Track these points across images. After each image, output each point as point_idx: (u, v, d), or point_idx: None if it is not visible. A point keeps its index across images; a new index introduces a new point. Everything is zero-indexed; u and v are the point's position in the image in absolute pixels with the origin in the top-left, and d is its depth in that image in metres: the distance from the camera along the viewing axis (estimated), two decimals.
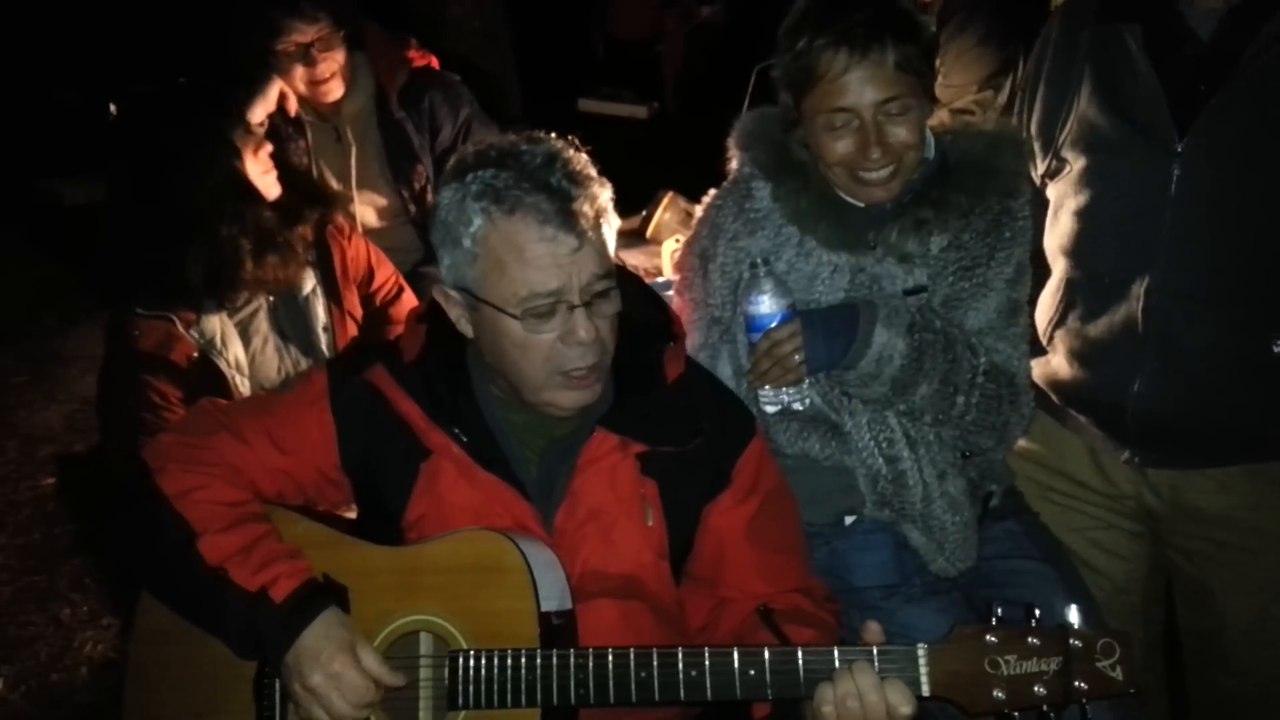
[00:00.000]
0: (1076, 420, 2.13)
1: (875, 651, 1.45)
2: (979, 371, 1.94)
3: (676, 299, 2.17)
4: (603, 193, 1.63)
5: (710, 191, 2.14)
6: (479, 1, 6.90)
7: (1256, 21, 1.82)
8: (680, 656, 1.50)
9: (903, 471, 1.98)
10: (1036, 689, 1.39)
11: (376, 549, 1.68)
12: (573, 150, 1.64)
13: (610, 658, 1.52)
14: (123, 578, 1.81)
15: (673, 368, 1.77)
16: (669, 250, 3.27)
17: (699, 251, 2.10)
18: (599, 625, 1.65)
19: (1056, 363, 2.11)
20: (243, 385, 2.32)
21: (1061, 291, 2.09)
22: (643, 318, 1.78)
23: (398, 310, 2.58)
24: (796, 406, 1.94)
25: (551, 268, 1.57)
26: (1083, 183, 2.00)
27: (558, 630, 1.58)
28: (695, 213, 2.17)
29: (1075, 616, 1.42)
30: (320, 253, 2.48)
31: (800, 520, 1.85)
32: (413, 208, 3.09)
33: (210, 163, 2.24)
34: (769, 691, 1.48)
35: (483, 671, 1.56)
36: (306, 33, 2.81)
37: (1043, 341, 2.14)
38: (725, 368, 2.06)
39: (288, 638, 1.54)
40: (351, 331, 2.51)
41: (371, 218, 3.14)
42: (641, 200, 3.73)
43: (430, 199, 2.96)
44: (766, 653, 1.48)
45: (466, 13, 6.73)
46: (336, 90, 2.94)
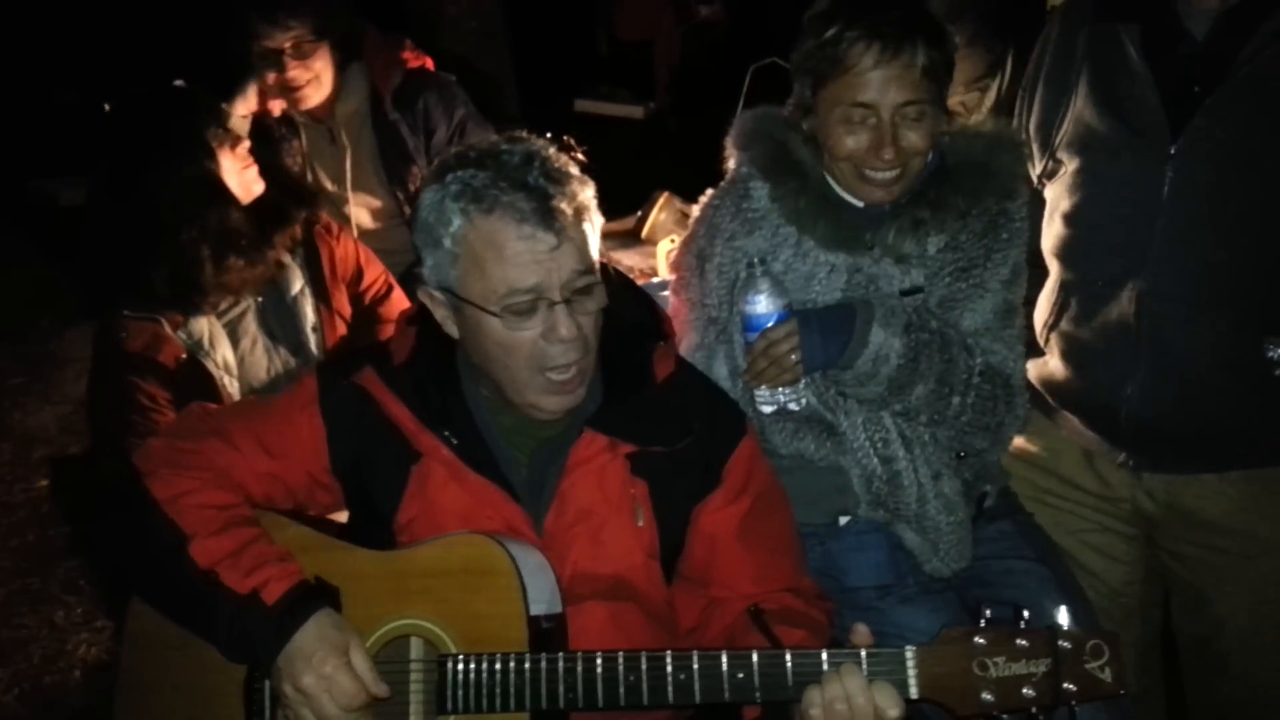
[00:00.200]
0: (1072, 422, 2.12)
1: (863, 654, 1.44)
2: (975, 372, 1.94)
3: (672, 299, 2.17)
4: (583, 191, 1.63)
5: (707, 191, 2.13)
6: (476, 1, 6.90)
7: (1252, 22, 1.80)
8: (668, 660, 1.50)
9: (898, 472, 1.97)
10: (1025, 691, 1.39)
11: (366, 553, 1.67)
12: (553, 149, 1.64)
13: (598, 661, 1.52)
14: (116, 580, 1.80)
15: (662, 367, 1.76)
16: (664, 251, 3.27)
17: (696, 251, 2.09)
18: (590, 627, 1.64)
19: (1053, 364, 2.10)
20: (232, 386, 2.31)
21: (1057, 293, 2.08)
22: (632, 318, 1.77)
23: (387, 309, 2.57)
24: (792, 407, 1.94)
25: (530, 265, 1.57)
26: (1077, 184, 1.99)
27: (547, 633, 1.57)
28: (691, 213, 2.16)
29: (1064, 618, 1.42)
30: (308, 252, 2.47)
31: (793, 519, 1.85)
32: (408, 209, 3.07)
33: (182, 163, 2.22)
34: (757, 694, 1.48)
35: (471, 676, 1.55)
36: (278, 39, 2.80)
37: (1039, 343, 2.13)
38: (721, 368, 2.05)
39: (279, 640, 1.53)
40: (341, 331, 2.49)
41: (366, 219, 3.14)
42: (637, 200, 3.74)
43: None
44: (755, 655, 1.48)
45: (463, 12, 6.74)
46: (312, 98, 2.93)
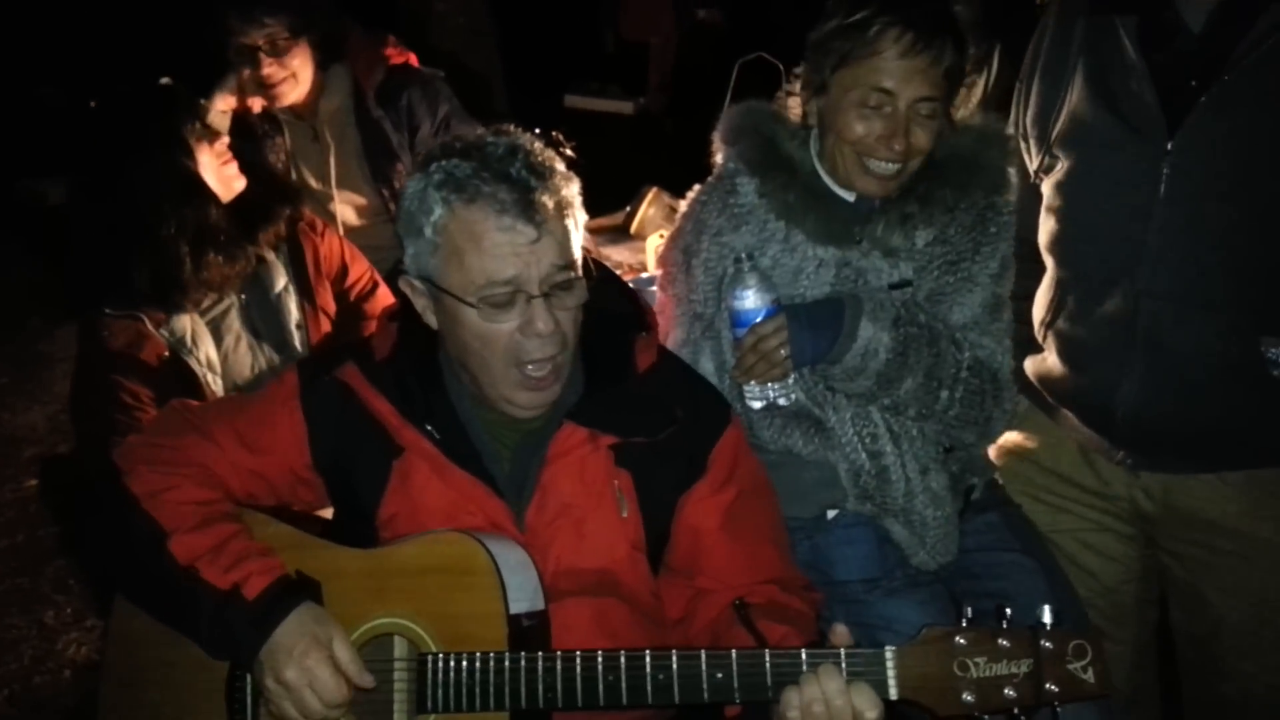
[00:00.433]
0: (1070, 420, 2.09)
1: (843, 654, 1.43)
2: (963, 366, 1.94)
3: (659, 294, 2.16)
4: (567, 186, 1.62)
5: (695, 187, 2.12)
6: None
7: (1250, 15, 1.77)
8: (647, 660, 1.49)
9: (886, 466, 1.97)
10: (1007, 692, 1.37)
11: (346, 551, 1.67)
12: (539, 144, 1.63)
13: (578, 661, 1.51)
14: (105, 579, 1.80)
15: (644, 358, 1.76)
16: (653, 246, 3.26)
17: (682, 247, 2.08)
18: (574, 624, 1.64)
19: (1051, 361, 2.07)
20: (215, 384, 2.30)
21: (1053, 290, 2.05)
22: (612, 308, 1.76)
23: (372, 306, 2.56)
24: (781, 402, 1.93)
25: (509, 256, 1.56)
26: (1072, 180, 1.97)
27: (528, 632, 1.56)
28: (679, 208, 2.15)
29: (1048, 617, 1.40)
30: (292, 249, 2.46)
31: (779, 510, 1.84)
32: (393, 206, 3.07)
33: (159, 161, 2.21)
34: (736, 695, 1.47)
35: (451, 675, 1.55)
36: (254, 35, 2.80)
37: (1038, 338, 2.11)
38: (707, 364, 2.04)
39: (261, 635, 1.53)
40: (325, 328, 2.48)
41: (351, 216, 3.13)
42: (625, 196, 3.73)
43: None
44: (734, 655, 1.47)
45: (451, 9, 6.72)
46: (289, 95, 2.93)
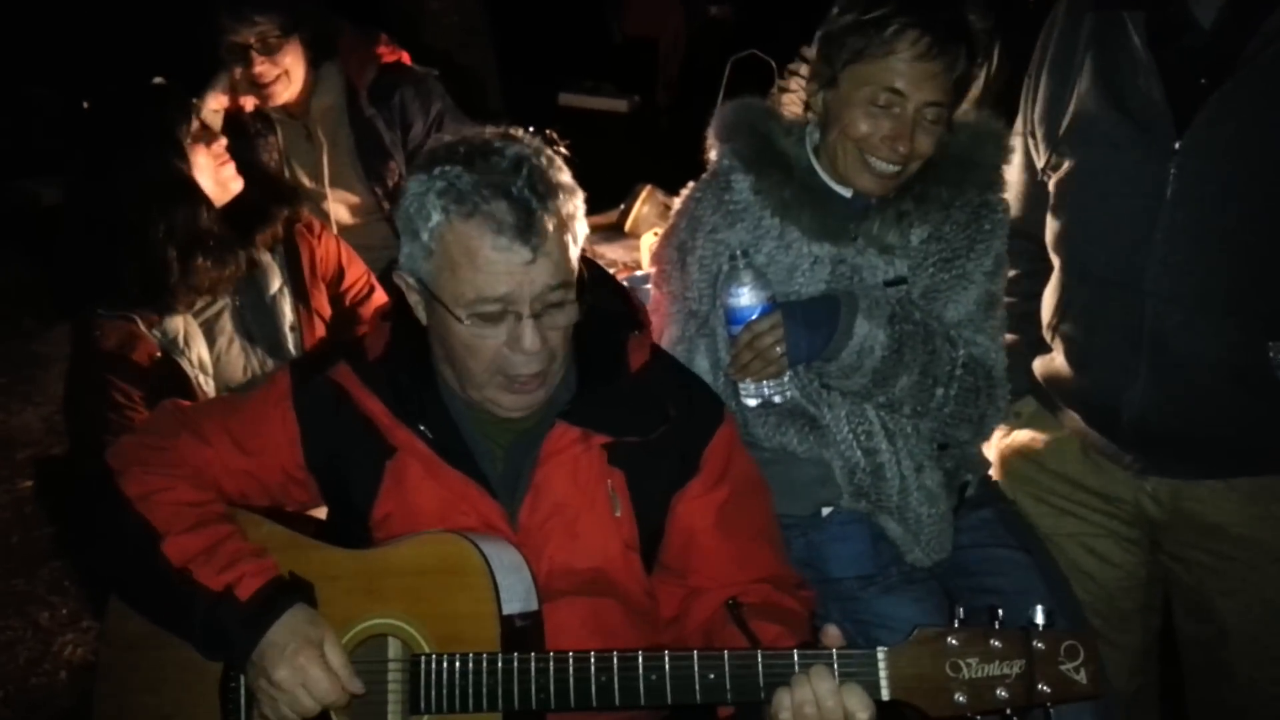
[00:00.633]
0: (1076, 422, 2.06)
1: (835, 655, 1.43)
2: (958, 364, 1.94)
3: (654, 292, 2.15)
4: (570, 201, 1.59)
5: (689, 184, 2.11)
6: None
7: (1261, 11, 1.74)
8: (640, 661, 1.48)
9: (881, 464, 1.97)
10: (999, 692, 1.37)
11: (339, 552, 1.66)
12: (545, 155, 1.59)
13: (570, 662, 1.51)
14: (100, 581, 1.80)
15: (637, 357, 1.75)
16: (648, 244, 3.25)
17: (677, 244, 2.08)
18: (568, 624, 1.63)
19: (1058, 362, 2.06)
20: (207, 385, 2.28)
21: (1060, 291, 2.03)
22: (605, 307, 1.75)
23: (368, 310, 2.53)
24: (777, 399, 1.93)
25: (502, 275, 1.54)
26: (1079, 179, 1.94)
27: (521, 632, 1.56)
28: (674, 206, 2.14)
29: (1040, 618, 1.40)
30: (288, 251, 2.45)
31: (772, 508, 1.83)
32: (386, 205, 3.06)
33: (149, 162, 2.20)
34: (729, 696, 1.47)
35: (444, 676, 1.54)
36: (244, 34, 2.79)
37: (1045, 339, 2.09)
38: (702, 361, 2.04)
39: (253, 635, 1.53)
40: (320, 331, 2.47)
41: (345, 215, 3.12)
42: (620, 194, 3.72)
43: None
44: (727, 656, 1.46)
45: (445, 7, 6.69)
46: (281, 94, 2.92)
